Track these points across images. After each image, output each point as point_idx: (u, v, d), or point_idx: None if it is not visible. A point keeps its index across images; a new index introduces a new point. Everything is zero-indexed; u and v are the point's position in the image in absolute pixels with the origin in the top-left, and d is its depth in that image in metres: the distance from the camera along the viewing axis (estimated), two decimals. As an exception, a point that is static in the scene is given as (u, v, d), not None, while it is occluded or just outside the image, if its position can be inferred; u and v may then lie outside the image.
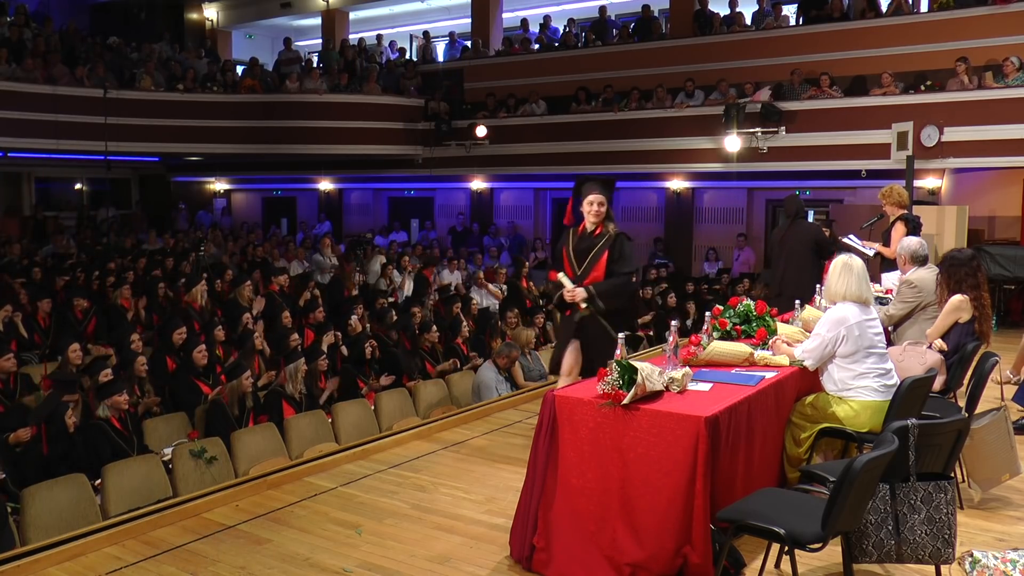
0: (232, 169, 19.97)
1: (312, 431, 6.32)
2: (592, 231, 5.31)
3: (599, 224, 5.30)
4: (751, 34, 14.45)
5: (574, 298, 5.14)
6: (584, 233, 5.34)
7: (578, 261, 5.28)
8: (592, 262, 5.24)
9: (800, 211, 8.15)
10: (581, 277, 5.22)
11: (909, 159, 10.98)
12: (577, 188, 5.43)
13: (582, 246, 5.29)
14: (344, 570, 3.92)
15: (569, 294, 5.16)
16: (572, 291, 5.15)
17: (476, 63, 17.32)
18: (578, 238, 5.35)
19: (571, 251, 5.33)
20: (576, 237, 5.37)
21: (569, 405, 3.80)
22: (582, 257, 5.28)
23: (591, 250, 5.26)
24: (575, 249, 5.31)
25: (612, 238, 5.25)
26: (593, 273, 5.21)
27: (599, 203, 5.26)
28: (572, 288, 5.15)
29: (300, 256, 13.90)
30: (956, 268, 5.48)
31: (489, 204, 17.76)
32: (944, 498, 3.28)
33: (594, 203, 5.25)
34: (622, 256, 5.25)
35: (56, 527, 4.59)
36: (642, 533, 3.56)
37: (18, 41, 14.73)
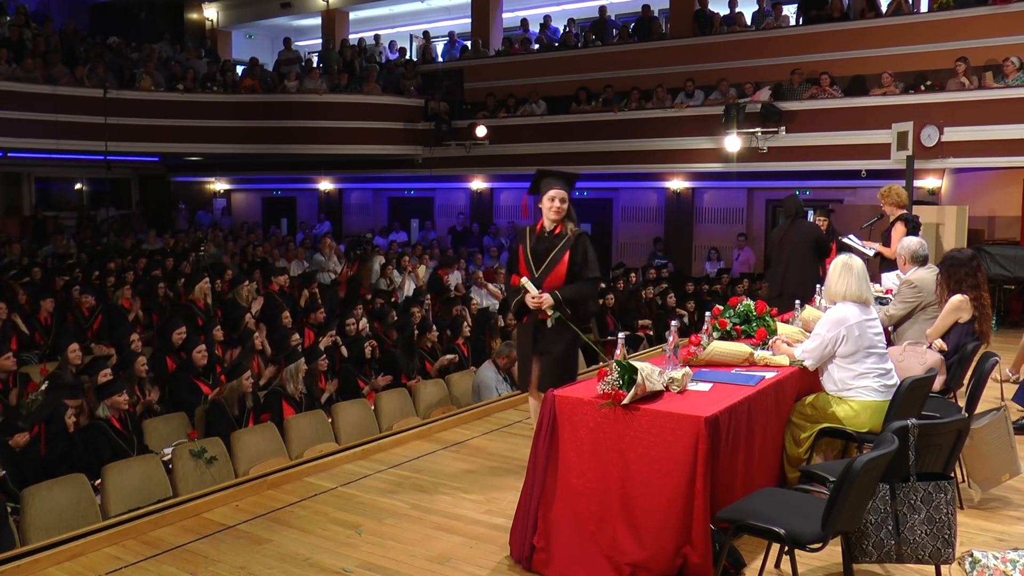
0: (232, 169, 19.97)
1: (312, 431, 6.32)
2: (551, 231, 4.94)
3: (559, 223, 4.93)
4: (751, 34, 14.45)
5: (540, 305, 4.77)
6: (542, 233, 4.96)
7: (536, 263, 4.90)
8: (551, 265, 4.86)
9: (799, 211, 8.17)
10: (539, 281, 4.84)
11: (909, 159, 10.98)
12: (535, 183, 5.05)
13: (540, 247, 4.92)
14: (344, 570, 3.92)
15: (535, 300, 4.77)
16: (538, 297, 4.77)
17: (476, 63, 17.32)
18: (536, 238, 4.97)
19: (528, 252, 4.94)
20: (534, 237, 4.99)
21: (569, 405, 3.80)
22: (540, 259, 4.89)
23: (550, 252, 4.88)
24: (533, 250, 4.94)
25: (573, 239, 4.89)
26: (552, 276, 4.84)
27: (560, 199, 4.88)
28: (538, 294, 4.77)
29: (300, 256, 13.90)
30: (956, 268, 5.49)
31: (489, 204, 17.76)
32: (944, 498, 3.28)
33: (555, 199, 4.88)
34: (587, 260, 4.90)
35: (56, 527, 4.60)
36: (642, 533, 3.56)
37: (18, 41, 14.74)
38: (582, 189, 17.02)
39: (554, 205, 4.89)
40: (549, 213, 4.91)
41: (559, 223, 4.93)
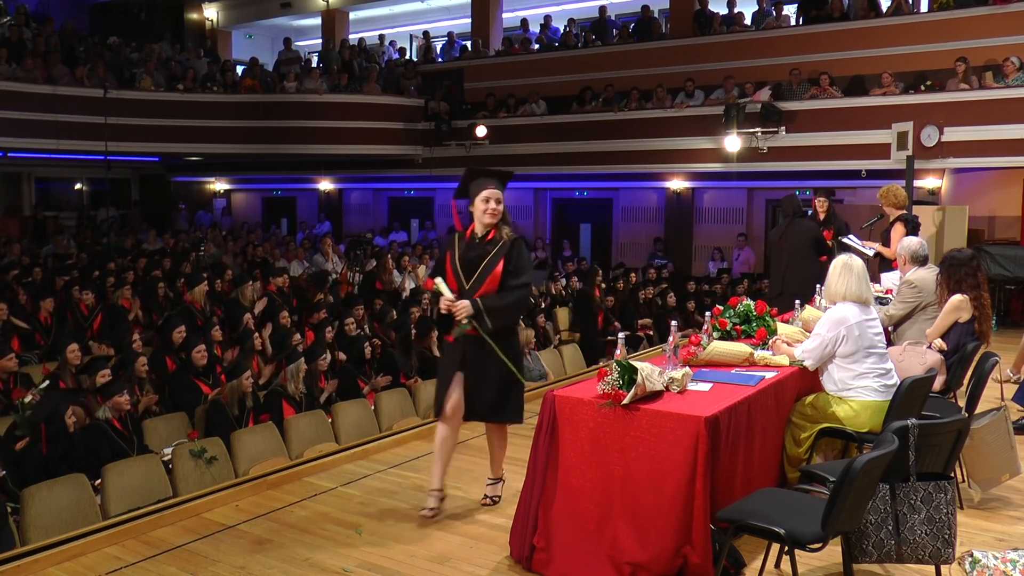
0: (232, 169, 19.98)
1: (312, 431, 6.32)
2: (484, 236, 4.42)
3: (492, 227, 4.41)
4: (751, 34, 14.45)
5: (455, 311, 4.26)
6: (473, 239, 4.44)
7: (466, 273, 4.38)
8: (484, 274, 4.33)
9: (798, 211, 8.18)
10: (470, 292, 4.32)
11: (909, 159, 10.98)
12: (463, 185, 4.53)
13: (471, 254, 4.38)
14: (344, 570, 3.92)
15: (448, 304, 4.27)
16: (453, 303, 4.27)
17: (476, 63, 17.33)
18: (466, 244, 4.43)
19: (457, 260, 4.40)
20: (463, 243, 4.44)
21: (569, 405, 3.80)
22: (471, 268, 4.37)
23: (483, 259, 4.36)
24: (462, 258, 4.39)
25: (508, 244, 4.38)
26: (485, 287, 4.32)
27: (495, 200, 4.38)
28: (452, 299, 4.28)
29: (300, 256, 13.90)
30: (956, 268, 5.48)
31: (489, 204, 17.73)
32: (944, 498, 3.28)
33: (489, 200, 4.37)
34: (518, 267, 4.38)
35: (56, 527, 4.60)
36: (642, 533, 3.56)
37: (18, 41, 14.74)
38: (582, 189, 17.05)
39: (489, 207, 4.38)
40: (483, 216, 4.40)
41: (493, 227, 4.41)
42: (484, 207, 4.40)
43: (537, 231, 17.28)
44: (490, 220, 4.40)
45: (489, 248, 4.39)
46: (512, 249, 4.39)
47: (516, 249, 4.40)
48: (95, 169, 17.40)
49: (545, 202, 17.55)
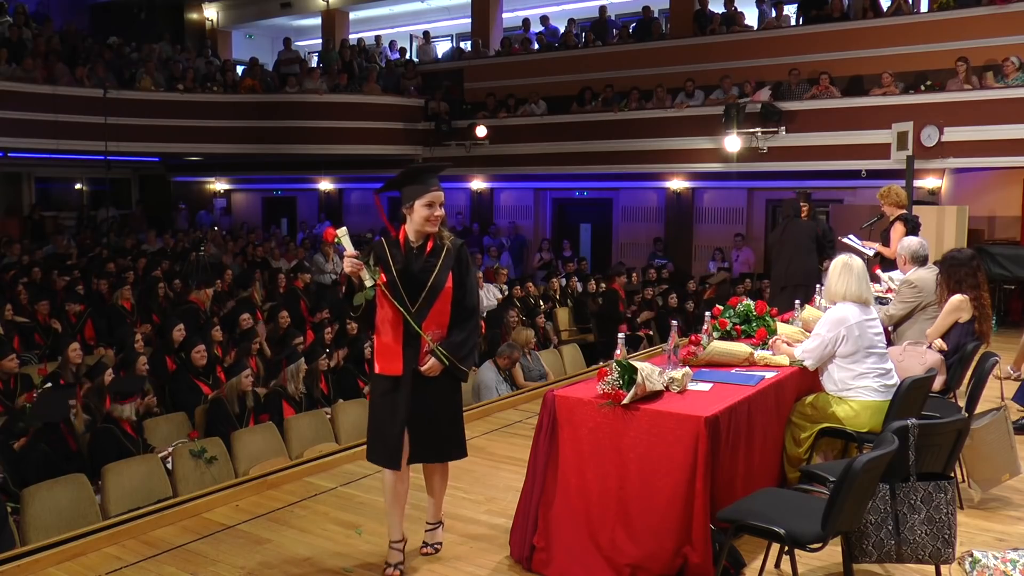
0: (232, 169, 19.97)
1: (312, 431, 6.32)
2: (422, 244, 3.73)
3: (430, 237, 3.73)
4: (751, 34, 14.45)
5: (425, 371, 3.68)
6: (410, 248, 3.73)
7: (410, 291, 3.66)
8: (433, 292, 3.67)
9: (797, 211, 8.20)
10: (418, 315, 3.65)
11: (909, 159, 10.98)
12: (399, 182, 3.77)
13: (414, 268, 3.68)
14: (344, 570, 3.92)
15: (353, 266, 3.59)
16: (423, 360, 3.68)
17: (476, 63, 17.32)
18: (403, 255, 3.71)
19: (396, 276, 3.67)
20: (398, 253, 3.72)
21: (569, 405, 3.80)
22: (416, 285, 3.67)
23: (429, 273, 3.67)
24: (404, 272, 3.67)
25: (454, 254, 3.73)
26: (436, 311, 3.67)
27: (441, 204, 3.70)
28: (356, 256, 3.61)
29: (300, 256, 13.90)
30: (956, 268, 5.48)
31: (489, 204, 17.76)
32: (944, 498, 3.28)
33: (434, 205, 3.68)
34: (468, 282, 3.79)
35: (56, 527, 4.60)
36: (642, 533, 3.56)
37: (18, 41, 14.74)
38: (582, 189, 17.05)
39: (433, 213, 3.68)
40: (425, 224, 3.69)
41: (431, 236, 3.74)
42: (428, 213, 3.67)
43: (537, 231, 17.28)
44: (431, 229, 3.72)
45: (433, 260, 3.70)
46: (459, 260, 3.76)
47: (463, 260, 3.78)
48: (95, 169, 17.39)
49: (545, 202, 17.55)
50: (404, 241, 3.76)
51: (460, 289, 3.74)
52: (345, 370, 7.73)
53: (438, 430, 3.81)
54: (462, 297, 3.76)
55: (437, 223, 3.72)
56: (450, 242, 3.75)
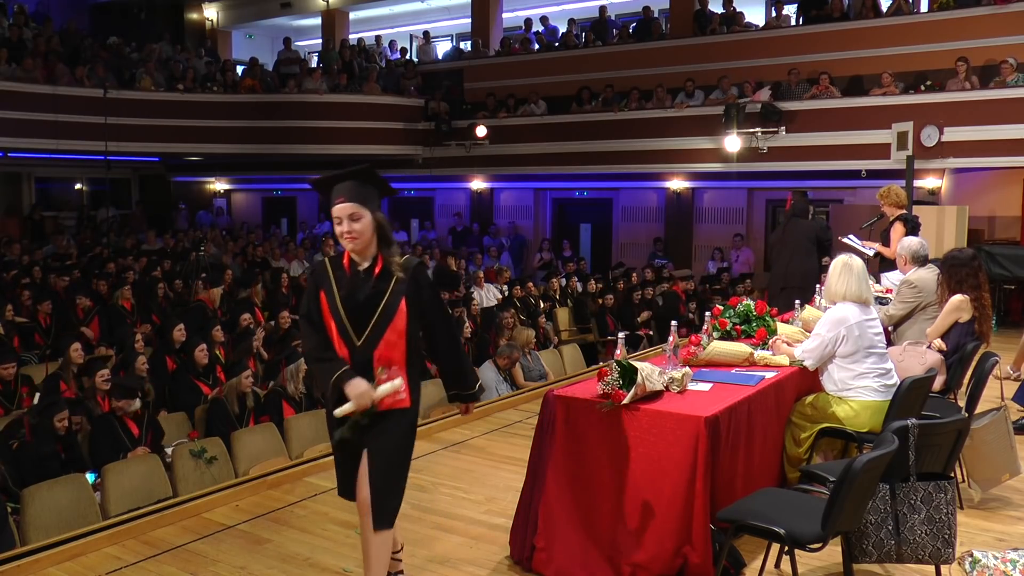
0: (232, 169, 19.96)
1: (312, 431, 6.31)
2: (369, 268, 3.23)
3: (378, 256, 3.23)
4: (751, 34, 14.45)
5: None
6: (355, 271, 3.24)
7: (355, 322, 3.19)
8: (381, 324, 3.17)
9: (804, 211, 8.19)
10: (364, 350, 3.18)
11: (909, 159, 10.98)
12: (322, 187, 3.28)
13: (359, 295, 3.19)
14: (344, 570, 3.92)
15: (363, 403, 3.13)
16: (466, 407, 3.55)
17: (476, 63, 17.32)
18: (348, 279, 3.23)
19: (339, 304, 3.20)
20: (342, 278, 3.24)
21: (569, 405, 3.80)
22: (362, 315, 3.18)
23: (379, 300, 3.18)
24: (347, 300, 3.20)
25: (408, 278, 3.22)
26: (386, 343, 3.18)
27: (351, 218, 3.14)
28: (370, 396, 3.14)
29: (300, 256, 13.90)
30: (957, 268, 5.47)
31: (489, 204, 17.77)
32: (944, 498, 3.29)
33: (341, 219, 3.16)
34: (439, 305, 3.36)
35: (56, 527, 4.60)
36: (642, 533, 3.56)
37: (18, 41, 14.74)
38: (582, 189, 17.04)
39: (343, 230, 3.16)
40: (343, 240, 3.20)
41: (378, 256, 3.23)
42: (338, 229, 3.18)
43: (537, 231, 17.28)
44: (350, 247, 3.20)
45: (381, 285, 3.19)
46: (416, 285, 3.23)
47: (421, 283, 3.25)
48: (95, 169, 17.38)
49: (545, 202, 17.55)
50: (349, 263, 3.25)
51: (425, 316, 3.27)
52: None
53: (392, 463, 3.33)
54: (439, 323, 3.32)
55: (353, 241, 3.17)
56: (399, 263, 3.22)
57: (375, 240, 3.22)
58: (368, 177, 3.25)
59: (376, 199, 3.24)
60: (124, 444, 5.67)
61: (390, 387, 3.15)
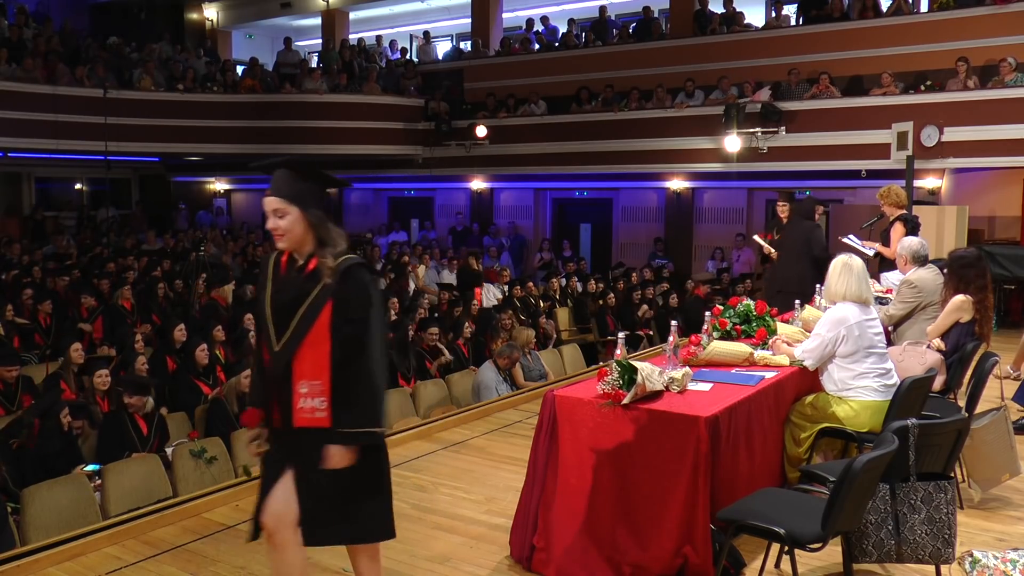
0: (232, 169, 19.96)
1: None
2: (302, 266, 2.97)
3: (312, 254, 2.95)
4: (751, 34, 14.45)
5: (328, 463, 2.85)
6: (292, 267, 3.01)
7: (277, 325, 2.94)
8: (303, 327, 2.89)
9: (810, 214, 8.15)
10: (282, 354, 2.90)
11: (909, 159, 10.98)
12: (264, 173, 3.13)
13: (285, 296, 2.96)
14: (344, 570, 3.92)
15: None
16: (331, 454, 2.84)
17: (476, 63, 17.32)
18: (281, 279, 3.02)
19: (267, 302, 2.99)
20: (280, 275, 3.03)
21: (569, 405, 3.80)
22: (284, 318, 2.93)
23: (299, 303, 2.91)
24: (275, 299, 2.98)
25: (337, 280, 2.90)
26: (305, 351, 2.88)
27: (275, 213, 2.93)
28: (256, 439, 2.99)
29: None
30: (966, 269, 5.45)
31: (489, 204, 17.77)
32: (944, 498, 3.29)
33: (269, 215, 2.96)
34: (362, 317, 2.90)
35: (56, 527, 4.60)
36: (642, 533, 3.56)
37: (18, 41, 14.74)
38: (582, 189, 17.04)
39: (269, 225, 2.97)
40: (276, 238, 2.99)
41: (312, 254, 2.95)
42: (270, 224, 2.96)
43: (537, 231, 17.28)
44: (279, 244, 2.98)
45: (308, 287, 2.92)
46: (344, 287, 2.90)
47: (350, 286, 2.90)
48: (95, 169, 17.39)
49: (545, 202, 17.55)
50: (288, 260, 3.02)
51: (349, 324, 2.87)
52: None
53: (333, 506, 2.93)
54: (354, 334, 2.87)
55: (279, 239, 2.95)
56: (331, 265, 2.90)
57: (310, 238, 2.95)
58: (301, 171, 2.99)
59: (313, 195, 2.97)
60: (133, 442, 5.69)
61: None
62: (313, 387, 2.89)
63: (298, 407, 2.89)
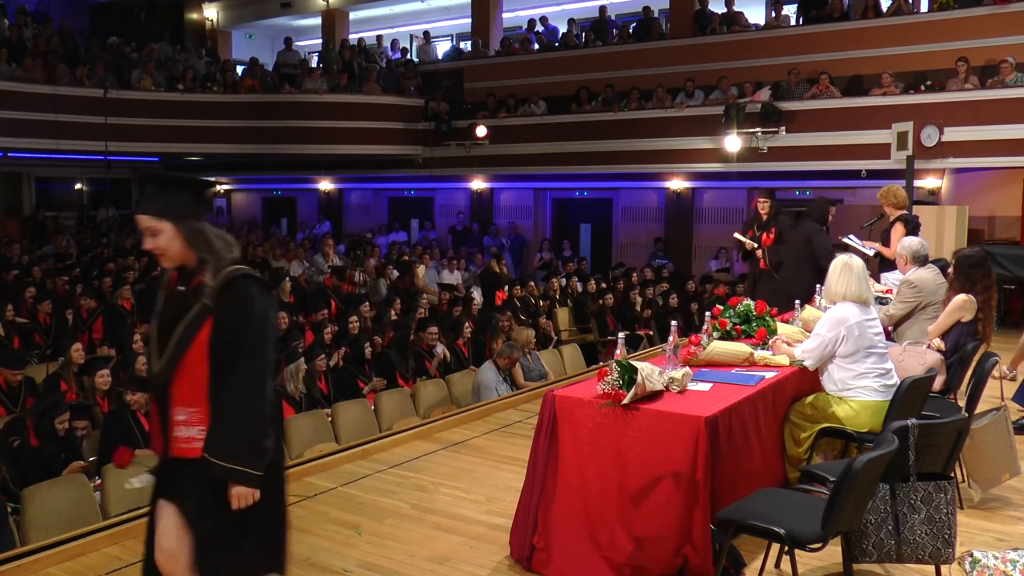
0: (232, 169, 19.97)
1: (312, 431, 6.31)
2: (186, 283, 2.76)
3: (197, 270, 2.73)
4: (751, 34, 14.45)
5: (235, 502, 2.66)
6: (176, 286, 2.80)
7: (158, 345, 2.74)
8: (179, 349, 2.67)
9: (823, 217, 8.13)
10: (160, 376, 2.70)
11: (909, 159, 10.98)
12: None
13: (165, 314, 2.76)
14: (344, 570, 3.92)
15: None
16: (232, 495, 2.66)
17: (476, 63, 17.32)
18: (167, 296, 2.82)
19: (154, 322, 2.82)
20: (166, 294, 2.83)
21: (569, 405, 3.80)
22: (163, 338, 2.72)
23: (176, 323, 2.70)
24: (159, 318, 2.78)
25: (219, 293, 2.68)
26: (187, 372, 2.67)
27: (151, 232, 2.70)
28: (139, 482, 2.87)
29: (300, 256, 13.91)
30: (974, 269, 5.44)
31: (489, 204, 17.77)
32: (944, 498, 3.29)
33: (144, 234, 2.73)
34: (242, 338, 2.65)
35: (56, 527, 4.59)
36: (642, 533, 3.56)
37: (18, 41, 14.74)
38: (582, 189, 17.04)
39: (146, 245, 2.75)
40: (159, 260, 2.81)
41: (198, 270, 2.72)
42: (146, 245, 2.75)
43: (537, 231, 17.28)
44: (165, 264, 2.78)
45: (189, 304, 2.70)
46: (226, 306, 2.66)
47: (231, 304, 2.66)
48: (95, 169, 17.38)
49: (545, 202, 17.55)
50: (177, 276, 2.79)
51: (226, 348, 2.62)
52: (344, 370, 7.73)
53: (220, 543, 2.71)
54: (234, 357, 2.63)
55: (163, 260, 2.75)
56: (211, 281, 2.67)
57: (192, 254, 2.71)
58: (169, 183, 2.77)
59: (186, 206, 2.72)
60: (136, 439, 5.69)
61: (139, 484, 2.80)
62: (191, 415, 2.67)
63: (174, 435, 2.68)
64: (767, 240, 8.31)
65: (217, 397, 2.65)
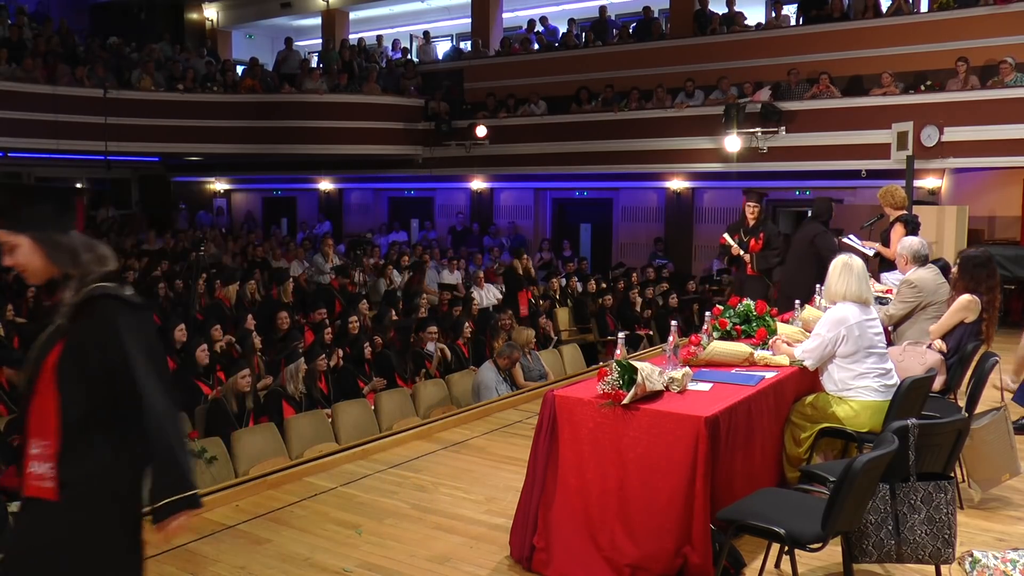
0: (232, 169, 19.98)
1: (312, 431, 6.32)
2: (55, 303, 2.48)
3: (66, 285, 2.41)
4: (751, 34, 14.46)
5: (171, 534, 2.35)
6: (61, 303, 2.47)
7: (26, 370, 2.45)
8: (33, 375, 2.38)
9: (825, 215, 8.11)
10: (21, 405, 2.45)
11: (909, 159, 10.98)
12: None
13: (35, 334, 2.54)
14: (344, 570, 3.92)
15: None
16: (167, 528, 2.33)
17: (476, 63, 17.33)
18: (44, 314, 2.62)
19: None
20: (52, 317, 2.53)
21: (569, 405, 3.80)
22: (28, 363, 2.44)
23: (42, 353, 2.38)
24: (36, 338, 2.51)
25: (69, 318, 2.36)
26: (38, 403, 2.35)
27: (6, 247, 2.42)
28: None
29: (300, 256, 13.91)
30: (979, 269, 5.44)
31: (489, 204, 17.77)
32: (944, 498, 3.28)
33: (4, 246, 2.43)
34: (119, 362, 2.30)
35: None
36: (642, 533, 3.56)
37: (18, 41, 14.74)
38: (582, 189, 17.04)
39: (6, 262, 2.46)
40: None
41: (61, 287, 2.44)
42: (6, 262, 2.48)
43: (537, 231, 17.29)
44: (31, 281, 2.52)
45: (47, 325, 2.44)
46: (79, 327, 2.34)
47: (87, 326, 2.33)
48: (95, 169, 17.40)
49: (545, 202, 17.56)
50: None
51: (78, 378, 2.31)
52: (345, 370, 7.73)
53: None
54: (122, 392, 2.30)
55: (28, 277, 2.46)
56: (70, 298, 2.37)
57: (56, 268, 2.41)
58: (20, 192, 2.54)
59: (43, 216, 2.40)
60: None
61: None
62: (43, 448, 2.34)
63: (28, 471, 2.35)
64: (755, 246, 8.26)
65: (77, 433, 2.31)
